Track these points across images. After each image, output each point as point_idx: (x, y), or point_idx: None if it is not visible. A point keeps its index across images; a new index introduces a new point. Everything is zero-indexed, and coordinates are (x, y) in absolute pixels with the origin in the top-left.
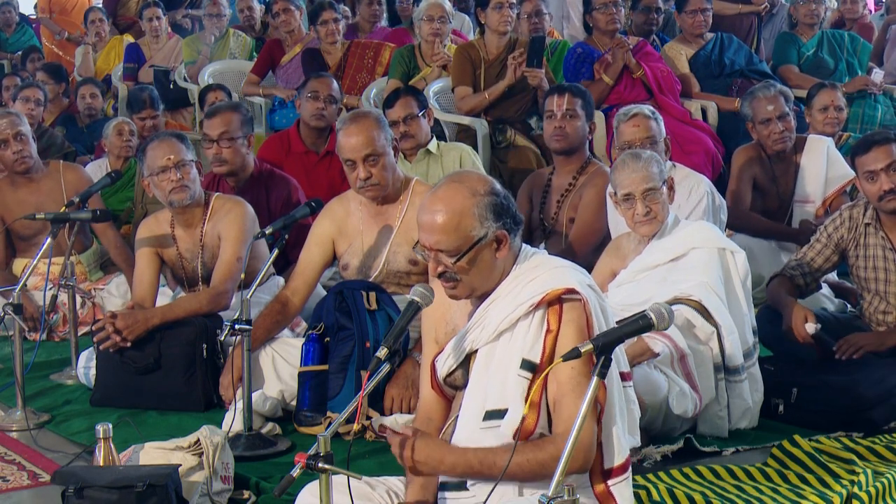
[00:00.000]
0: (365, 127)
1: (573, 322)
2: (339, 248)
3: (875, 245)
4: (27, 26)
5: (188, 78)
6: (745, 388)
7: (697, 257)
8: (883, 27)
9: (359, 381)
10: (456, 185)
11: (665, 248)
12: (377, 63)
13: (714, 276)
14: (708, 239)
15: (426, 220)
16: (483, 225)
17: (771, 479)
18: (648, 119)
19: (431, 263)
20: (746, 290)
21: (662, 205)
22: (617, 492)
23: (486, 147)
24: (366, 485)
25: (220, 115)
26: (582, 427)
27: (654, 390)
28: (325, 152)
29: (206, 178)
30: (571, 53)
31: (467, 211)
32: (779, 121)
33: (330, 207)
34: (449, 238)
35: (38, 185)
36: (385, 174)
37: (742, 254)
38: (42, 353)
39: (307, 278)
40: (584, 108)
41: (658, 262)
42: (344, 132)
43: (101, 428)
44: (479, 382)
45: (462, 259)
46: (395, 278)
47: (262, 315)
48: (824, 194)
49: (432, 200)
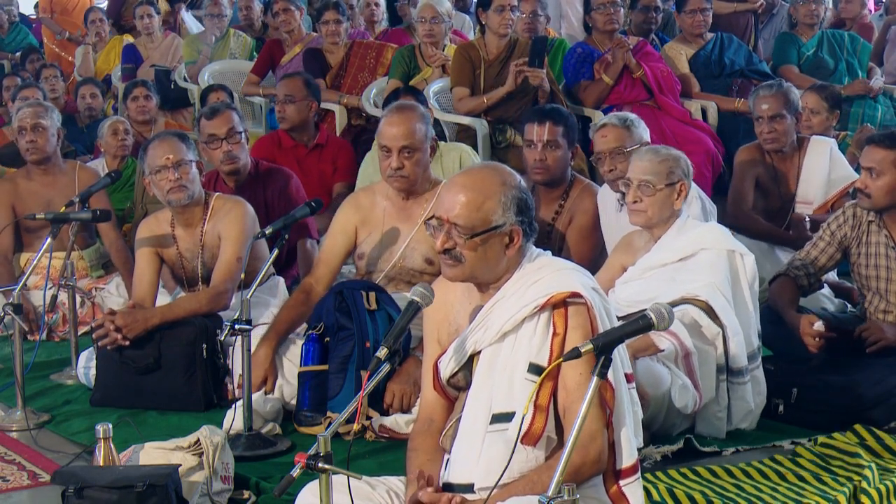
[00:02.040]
0: (407, 118)
1: (579, 327)
2: (360, 236)
3: (877, 243)
4: (24, 26)
5: (188, 78)
6: (747, 390)
7: (706, 258)
8: (883, 27)
9: (359, 381)
10: (490, 171)
11: (674, 247)
12: (379, 64)
13: (722, 277)
14: (717, 240)
15: (451, 192)
16: (504, 214)
17: (770, 479)
18: (618, 128)
19: (442, 237)
20: (754, 292)
21: (656, 203)
22: (629, 492)
23: (486, 147)
24: (366, 485)
25: (221, 114)
26: (583, 426)
27: (656, 382)
28: (315, 145)
29: (205, 177)
30: (572, 53)
31: (494, 195)
32: (770, 121)
33: (355, 196)
34: (469, 214)
35: (54, 180)
36: (416, 169)
37: (751, 256)
38: (42, 353)
39: (331, 266)
40: (565, 135)
41: (666, 261)
42: (387, 120)
43: (101, 428)
44: (484, 384)
45: (474, 238)
46: (407, 275)
47: (287, 307)
48: (826, 195)
49: (463, 176)
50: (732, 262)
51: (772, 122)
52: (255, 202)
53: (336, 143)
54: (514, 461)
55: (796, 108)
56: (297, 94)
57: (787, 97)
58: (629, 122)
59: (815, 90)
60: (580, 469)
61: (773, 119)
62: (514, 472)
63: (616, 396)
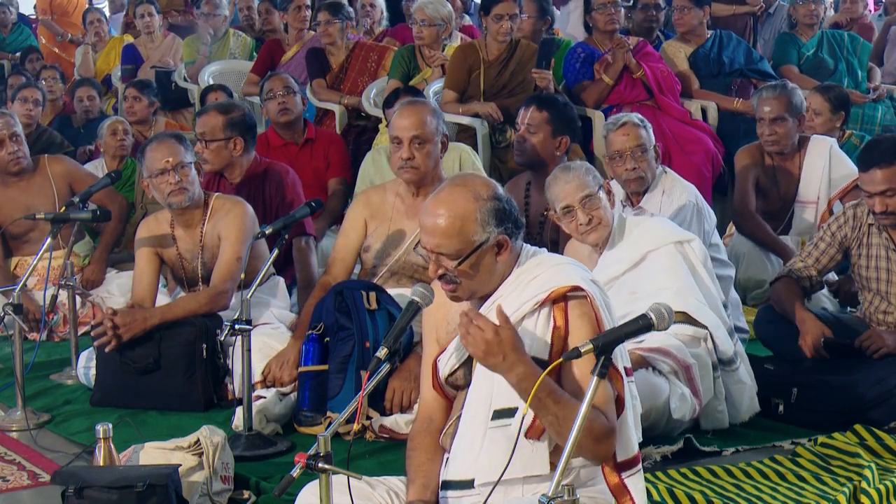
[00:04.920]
0: (418, 111)
1: (583, 318)
2: (368, 229)
3: (878, 245)
4: (25, 26)
5: (188, 78)
6: (741, 371)
7: (657, 261)
8: (883, 27)
9: (359, 381)
10: (459, 189)
11: (618, 259)
12: (380, 67)
13: (683, 277)
14: (659, 237)
15: (428, 222)
16: (485, 230)
17: (770, 479)
18: (638, 127)
19: (432, 265)
20: (709, 271)
21: (604, 210)
22: (631, 484)
23: (485, 147)
24: (366, 485)
25: (203, 116)
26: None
27: (655, 394)
28: (305, 141)
29: (205, 176)
30: (573, 54)
31: (470, 216)
32: (771, 123)
33: (366, 193)
34: (451, 242)
35: (28, 183)
36: (427, 160)
37: (696, 240)
38: (42, 353)
39: (346, 263)
40: (550, 121)
41: (616, 274)
42: (398, 113)
43: (101, 428)
44: (484, 382)
45: (463, 263)
46: (410, 270)
47: (309, 305)
48: (829, 195)
49: (435, 203)
50: (684, 254)
51: (773, 125)
52: (252, 198)
53: (326, 137)
54: (517, 455)
55: (799, 111)
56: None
57: (789, 99)
58: (644, 121)
59: (820, 91)
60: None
61: (774, 122)
62: (516, 467)
63: (625, 386)
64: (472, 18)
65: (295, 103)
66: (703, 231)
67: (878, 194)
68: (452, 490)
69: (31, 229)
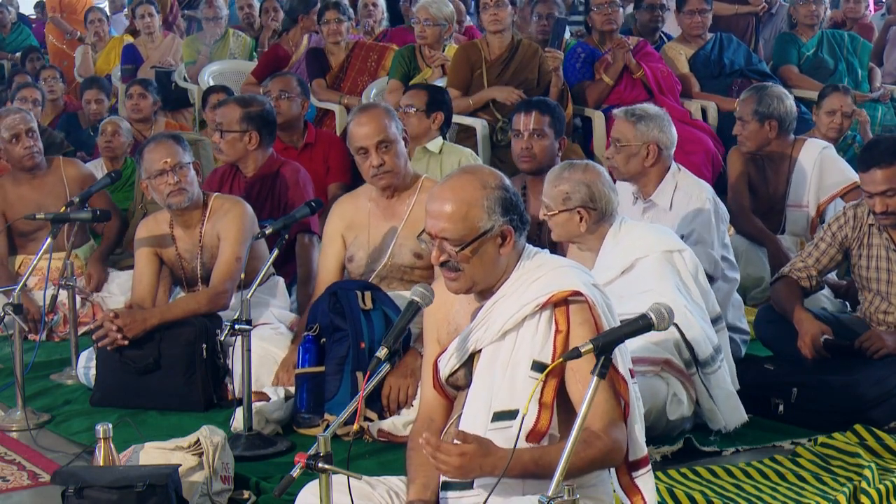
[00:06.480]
0: (375, 115)
1: (584, 325)
2: (347, 240)
3: (878, 245)
4: (25, 26)
5: (188, 78)
6: (721, 375)
7: (646, 268)
8: (883, 27)
9: (355, 382)
10: (468, 177)
11: (609, 265)
12: (380, 67)
13: (666, 282)
14: (650, 246)
15: (435, 207)
16: (490, 218)
17: (770, 479)
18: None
19: (435, 251)
20: (700, 285)
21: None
22: (642, 483)
23: (486, 147)
24: (366, 485)
25: (223, 107)
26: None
27: (654, 393)
28: (304, 145)
29: (221, 169)
30: (573, 54)
31: (476, 202)
32: (738, 122)
33: (339, 203)
34: (455, 227)
35: (41, 182)
36: (398, 161)
37: (688, 250)
38: (42, 353)
39: (334, 279)
40: (552, 125)
41: (606, 281)
42: (355, 122)
43: (101, 428)
44: (484, 382)
45: (466, 248)
46: (398, 272)
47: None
48: (818, 200)
49: (442, 189)
50: (673, 263)
51: (741, 125)
52: (265, 196)
53: (326, 140)
54: None
55: (774, 114)
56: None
57: (759, 100)
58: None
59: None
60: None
61: (741, 121)
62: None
63: (629, 389)
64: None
65: (288, 107)
66: (720, 231)
67: (879, 194)
68: (452, 490)
69: (39, 228)
